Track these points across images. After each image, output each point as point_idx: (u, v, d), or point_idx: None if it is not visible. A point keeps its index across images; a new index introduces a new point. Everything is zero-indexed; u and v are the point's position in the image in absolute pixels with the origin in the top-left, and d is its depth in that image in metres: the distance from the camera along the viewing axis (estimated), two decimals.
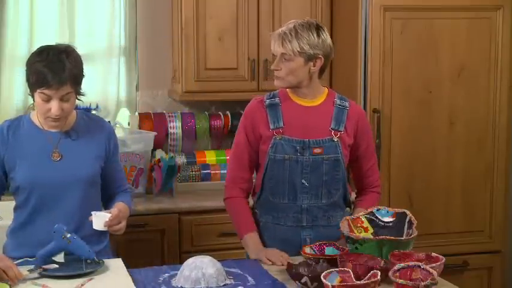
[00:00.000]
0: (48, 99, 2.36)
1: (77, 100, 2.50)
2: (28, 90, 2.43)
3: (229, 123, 3.98)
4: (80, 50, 3.80)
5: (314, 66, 2.56)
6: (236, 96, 3.80)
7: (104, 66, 3.92)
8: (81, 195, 2.49)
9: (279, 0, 3.78)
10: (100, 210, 2.56)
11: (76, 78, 2.41)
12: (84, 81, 3.83)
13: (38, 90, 2.35)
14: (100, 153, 2.55)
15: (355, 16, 3.56)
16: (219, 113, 4.03)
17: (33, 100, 2.42)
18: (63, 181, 2.46)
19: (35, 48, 3.73)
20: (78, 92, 2.46)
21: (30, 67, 2.38)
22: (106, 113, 3.91)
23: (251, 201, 2.73)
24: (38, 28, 3.81)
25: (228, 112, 4.02)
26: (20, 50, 3.79)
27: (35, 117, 2.52)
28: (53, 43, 2.48)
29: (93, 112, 3.77)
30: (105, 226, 2.42)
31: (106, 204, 2.63)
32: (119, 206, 2.52)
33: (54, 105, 2.36)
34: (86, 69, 3.83)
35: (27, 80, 2.40)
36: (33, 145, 2.47)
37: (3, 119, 3.74)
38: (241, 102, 3.91)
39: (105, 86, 3.93)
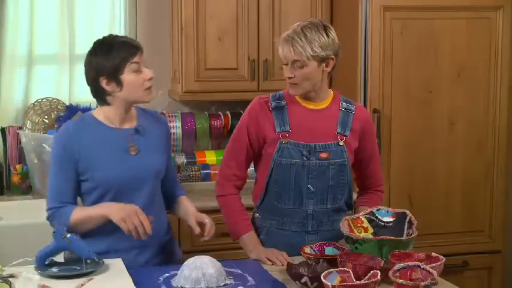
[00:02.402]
0: (139, 68, 2.41)
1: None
2: (108, 85, 2.40)
3: (229, 123, 3.98)
4: (80, 50, 3.88)
5: (327, 66, 2.53)
6: (236, 96, 3.80)
7: None
8: (151, 189, 2.52)
9: (279, 0, 3.79)
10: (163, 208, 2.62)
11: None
12: (84, 80, 3.80)
13: (130, 62, 2.39)
14: (163, 146, 2.59)
15: (355, 16, 3.56)
16: (219, 113, 4.03)
17: (120, 88, 2.40)
18: (139, 175, 2.47)
19: (35, 48, 3.80)
20: None
21: (107, 57, 2.39)
22: None
23: (246, 200, 2.72)
24: (38, 28, 3.81)
25: (228, 112, 4.02)
26: (20, 50, 3.79)
27: (101, 116, 2.50)
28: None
29: None
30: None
31: (167, 202, 2.66)
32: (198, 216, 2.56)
33: (146, 70, 2.43)
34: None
35: (110, 70, 2.38)
36: (106, 143, 2.46)
37: (3, 119, 3.77)
38: (241, 102, 3.92)
39: None
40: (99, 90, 2.44)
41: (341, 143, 2.58)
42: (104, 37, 2.48)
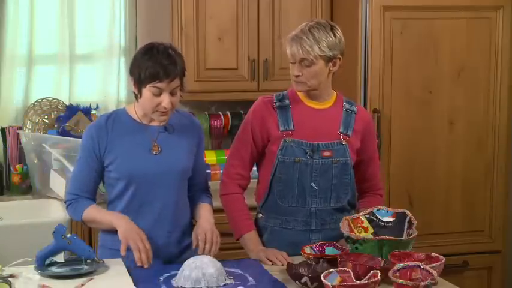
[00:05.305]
0: (159, 93, 2.39)
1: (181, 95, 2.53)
2: (134, 86, 2.43)
3: (229, 123, 3.98)
4: (80, 50, 3.88)
5: (334, 66, 2.55)
6: (236, 96, 3.80)
7: (104, 66, 3.92)
8: (176, 189, 2.53)
9: (279, 0, 3.79)
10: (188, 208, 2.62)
11: (183, 72, 2.46)
12: (84, 80, 3.80)
13: (150, 85, 2.38)
14: (192, 147, 2.59)
15: (355, 16, 3.56)
16: (219, 113, 4.03)
17: (139, 96, 2.42)
18: (162, 173, 2.48)
19: (35, 48, 3.82)
20: (182, 86, 2.49)
21: (140, 64, 2.39)
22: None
23: (249, 201, 2.73)
24: (38, 28, 3.81)
25: (228, 112, 4.02)
26: (20, 50, 3.79)
27: (133, 112, 2.53)
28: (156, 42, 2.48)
29: (93, 112, 3.77)
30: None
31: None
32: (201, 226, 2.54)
33: (165, 99, 2.39)
34: (86, 69, 3.91)
35: (137, 76, 2.40)
36: (133, 138, 2.49)
37: (3, 119, 3.77)
38: (241, 102, 3.93)
39: (105, 86, 3.93)
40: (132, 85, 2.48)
41: (343, 142, 2.59)
42: (158, 44, 2.44)
